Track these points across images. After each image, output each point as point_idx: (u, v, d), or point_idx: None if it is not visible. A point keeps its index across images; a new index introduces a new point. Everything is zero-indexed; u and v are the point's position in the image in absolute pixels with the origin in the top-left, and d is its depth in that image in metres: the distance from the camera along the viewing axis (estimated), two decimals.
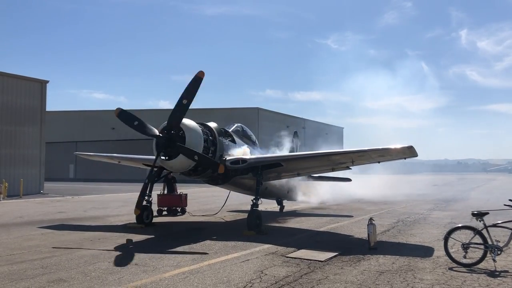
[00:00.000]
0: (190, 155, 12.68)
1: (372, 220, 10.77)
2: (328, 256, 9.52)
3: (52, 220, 15.98)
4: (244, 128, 17.08)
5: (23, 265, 8.65)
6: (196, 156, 12.67)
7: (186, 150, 12.70)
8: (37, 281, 7.47)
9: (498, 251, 8.43)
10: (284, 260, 9.23)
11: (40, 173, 32.71)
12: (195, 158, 12.69)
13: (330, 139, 59.88)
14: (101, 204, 23.19)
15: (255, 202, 13.92)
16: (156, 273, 8.03)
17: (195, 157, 12.67)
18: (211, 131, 14.25)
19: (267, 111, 61.69)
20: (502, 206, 9.26)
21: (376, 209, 20.55)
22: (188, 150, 12.69)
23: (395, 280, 7.66)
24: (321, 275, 8.02)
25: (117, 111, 13.43)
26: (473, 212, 9.06)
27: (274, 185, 17.91)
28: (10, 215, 17.91)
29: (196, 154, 12.70)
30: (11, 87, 31.26)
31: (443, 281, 7.63)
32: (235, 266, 8.63)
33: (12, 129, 31.11)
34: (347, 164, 15.35)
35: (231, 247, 10.70)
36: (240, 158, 14.47)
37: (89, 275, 7.82)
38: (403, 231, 13.68)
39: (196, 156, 12.67)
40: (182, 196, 18.54)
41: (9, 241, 11.46)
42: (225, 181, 15.26)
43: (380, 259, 9.38)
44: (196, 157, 12.68)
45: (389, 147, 13.33)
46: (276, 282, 7.53)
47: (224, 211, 18.56)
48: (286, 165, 14.90)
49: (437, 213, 19.37)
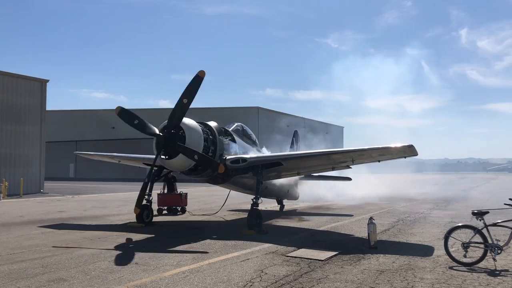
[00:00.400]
0: (190, 154, 12.67)
1: (372, 219, 10.77)
2: (328, 255, 9.52)
3: (52, 219, 15.98)
4: (244, 127, 17.07)
5: (23, 264, 8.65)
6: (196, 155, 12.67)
7: (186, 149, 12.69)
8: (37, 280, 7.47)
9: (498, 250, 8.43)
10: (284, 259, 9.23)
11: (40, 173, 32.73)
12: (195, 158, 12.69)
13: (330, 138, 59.89)
14: (101, 203, 23.19)
15: (255, 201, 13.91)
16: (156, 272, 8.03)
17: (195, 156, 12.66)
18: (211, 130, 14.24)
19: (267, 110, 61.70)
20: (502, 205, 9.27)
21: (376, 208, 20.56)
22: (188, 150, 12.68)
23: (395, 279, 7.65)
24: (321, 274, 8.02)
25: (117, 109, 13.42)
26: (473, 211, 9.06)
27: (274, 184, 17.91)
28: (10, 214, 17.91)
29: (196, 154, 12.69)
30: (11, 86, 31.28)
31: (443, 280, 7.63)
32: (235, 265, 8.63)
33: (13, 128, 31.12)
34: (347, 163, 15.35)
35: (231, 246, 10.70)
36: (240, 157, 14.48)
37: (89, 274, 7.83)
38: (403, 230, 13.68)
39: (196, 156, 12.67)
40: (182, 195, 18.55)
41: (10, 240, 11.46)
42: (225, 180, 15.26)
43: (380, 258, 9.38)
44: (196, 157, 12.67)
45: (389, 146, 13.33)
46: (276, 281, 7.53)
47: (224, 210, 18.57)
48: (286, 164, 14.90)
49: (437, 212, 19.38)
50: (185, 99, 12.64)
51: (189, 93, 12.69)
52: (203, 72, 12.60)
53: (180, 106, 12.69)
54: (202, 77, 12.59)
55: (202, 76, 12.58)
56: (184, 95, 12.67)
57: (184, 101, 12.64)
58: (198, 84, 12.65)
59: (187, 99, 12.65)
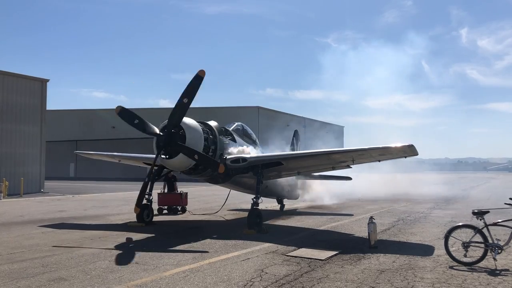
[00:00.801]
0: (191, 154, 12.66)
1: (373, 218, 10.77)
2: (329, 255, 9.52)
3: (53, 219, 15.99)
4: (244, 127, 17.07)
5: (24, 263, 8.65)
6: (196, 155, 12.66)
7: (186, 149, 12.68)
8: (37, 279, 7.47)
9: (498, 250, 8.42)
10: (284, 259, 9.23)
11: (41, 172, 32.72)
12: (195, 158, 12.68)
13: (331, 137, 59.83)
14: (102, 203, 23.19)
15: (255, 201, 13.90)
16: (156, 271, 8.03)
17: (195, 156, 12.66)
18: (212, 130, 14.24)
19: (267, 110, 61.68)
20: (503, 205, 9.26)
21: (377, 208, 20.55)
22: (188, 149, 12.67)
23: (395, 279, 7.65)
24: (322, 273, 8.02)
25: (117, 109, 13.40)
26: (473, 210, 9.06)
27: (275, 183, 17.91)
28: (10, 214, 17.92)
29: (197, 154, 12.69)
30: (11, 86, 31.25)
31: (444, 279, 7.62)
32: (235, 265, 8.63)
33: (13, 128, 31.10)
34: (348, 163, 15.33)
35: (232, 245, 10.70)
36: (240, 157, 14.46)
37: (89, 274, 7.83)
38: (404, 229, 13.67)
39: (196, 156, 12.66)
40: (183, 194, 18.55)
41: (10, 240, 11.47)
42: (225, 180, 15.26)
43: (380, 257, 9.38)
44: (196, 157, 12.67)
45: (389, 146, 13.31)
46: (276, 280, 7.53)
47: (225, 210, 18.57)
48: (286, 164, 14.90)
49: (437, 211, 19.37)
50: (186, 99, 12.62)
51: (189, 92, 12.67)
52: (203, 72, 12.58)
53: (181, 105, 12.68)
54: (202, 77, 12.56)
55: (202, 75, 12.56)
56: (184, 95, 12.65)
57: (185, 101, 12.62)
58: (198, 83, 12.63)
59: (187, 99, 12.63)
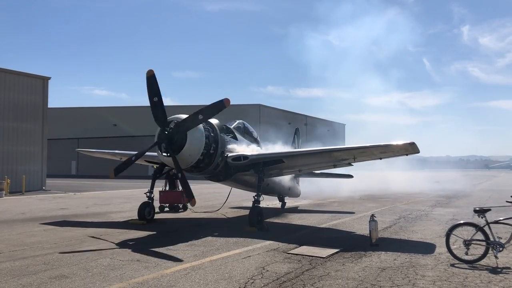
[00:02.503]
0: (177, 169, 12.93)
1: (374, 216, 10.77)
2: (330, 253, 9.53)
3: (54, 217, 16.02)
4: (245, 124, 17.06)
5: (25, 261, 8.67)
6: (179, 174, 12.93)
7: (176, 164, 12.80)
8: (39, 277, 7.49)
9: (500, 248, 8.42)
10: (285, 257, 9.24)
11: (42, 170, 32.79)
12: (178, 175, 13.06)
13: (332, 135, 59.84)
14: (103, 201, 23.23)
15: (256, 198, 13.91)
16: (157, 269, 8.04)
17: (179, 174, 13.01)
18: (213, 128, 14.23)
19: (268, 108, 61.62)
20: (504, 202, 9.25)
21: (378, 206, 20.55)
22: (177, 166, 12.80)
23: (396, 277, 7.65)
24: (323, 271, 8.03)
25: (149, 72, 12.83)
26: (475, 208, 9.05)
27: (276, 181, 17.91)
28: (12, 211, 17.96)
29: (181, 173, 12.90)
30: (13, 84, 31.29)
31: (445, 277, 7.62)
32: (236, 263, 8.64)
33: (15, 126, 31.14)
34: (349, 161, 15.30)
35: (233, 243, 10.71)
36: (241, 155, 14.46)
37: (91, 271, 7.85)
38: (405, 227, 13.67)
39: (179, 174, 12.95)
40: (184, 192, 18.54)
41: (12, 237, 11.50)
42: (226, 178, 15.26)
43: (381, 255, 9.38)
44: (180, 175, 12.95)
45: (391, 144, 13.28)
46: (277, 278, 7.54)
47: (226, 208, 18.59)
48: (287, 162, 14.90)
49: (439, 209, 19.35)
50: (201, 116, 12.66)
51: (207, 112, 12.75)
52: (228, 101, 12.52)
53: (194, 119, 12.72)
54: (226, 106, 12.53)
55: (227, 104, 12.50)
56: (202, 112, 12.67)
57: (200, 117, 12.67)
58: (220, 109, 12.67)
59: (203, 116, 12.68)
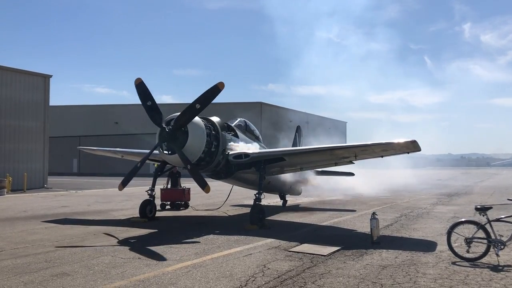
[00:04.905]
0: (184, 162, 12.66)
1: (375, 214, 10.75)
2: (331, 250, 9.53)
3: (56, 214, 16.05)
4: (247, 122, 17.05)
5: (27, 259, 8.70)
6: (189, 165, 12.64)
7: (182, 155, 12.66)
8: (40, 274, 7.50)
9: (501, 246, 8.40)
10: (286, 254, 9.24)
11: (44, 168, 32.87)
12: (187, 167, 12.67)
13: (333, 133, 59.74)
14: (105, 199, 23.26)
15: (258, 196, 13.93)
16: (159, 267, 8.05)
17: (187, 166, 12.65)
18: (214, 126, 14.23)
19: (270, 106, 61.60)
20: (506, 200, 9.24)
21: (379, 204, 20.54)
22: (183, 156, 12.65)
23: (397, 275, 7.65)
24: (324, 269, 8.03)
25: (137, 80, 13.09)
26: (476, 206, 9.02)
27: (277, 179, 17.91)
28: (14, 209, 18.00)
29: (189, 164, 12.64)
30: (14, 82, 31.34)
31: (446, 275, 7.62)
32: (237, 260, 8.65)
33: (16, 124, 31.20)
34: (350, 159, 15.30)
35: (234, 241, 10.72)
36: (243, 153, 14.46)
37: (92, 269, 7.86)
38: (406, 225, 13.66)
39: (189, 166, 12.64)
40: (185, 190, 18.57)
41: (13, 235, 11.52)
42: (228, 176, 15.26)
43: (383, 253, 9.38)
44: (189, 167, 12.65)
45: (392, 142, 13.27)
46: (278, 276, 7.54)
47: (227, 206, 18.61)
48: (289, 160, 14.89)
49: (440, 207, 19.33)
50: (198, 105, 12.62)
51: (204, 100, 12.67)
52: (223, 84, 12.51)
53: (192, 109, 12.67)
54: (221, 89, 12.51)
55: (221, 88, 12.49)
56: (198, 101, 12.64)
57: (197, 106, 12.62)
58: (215, 94, 12.60)
59: (200, 105, 12.63)
